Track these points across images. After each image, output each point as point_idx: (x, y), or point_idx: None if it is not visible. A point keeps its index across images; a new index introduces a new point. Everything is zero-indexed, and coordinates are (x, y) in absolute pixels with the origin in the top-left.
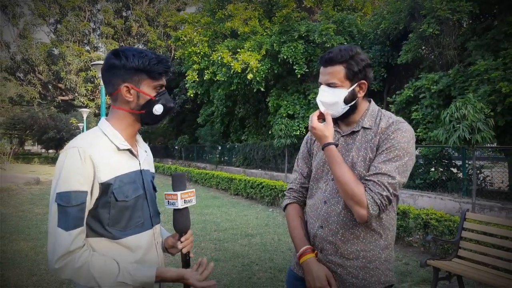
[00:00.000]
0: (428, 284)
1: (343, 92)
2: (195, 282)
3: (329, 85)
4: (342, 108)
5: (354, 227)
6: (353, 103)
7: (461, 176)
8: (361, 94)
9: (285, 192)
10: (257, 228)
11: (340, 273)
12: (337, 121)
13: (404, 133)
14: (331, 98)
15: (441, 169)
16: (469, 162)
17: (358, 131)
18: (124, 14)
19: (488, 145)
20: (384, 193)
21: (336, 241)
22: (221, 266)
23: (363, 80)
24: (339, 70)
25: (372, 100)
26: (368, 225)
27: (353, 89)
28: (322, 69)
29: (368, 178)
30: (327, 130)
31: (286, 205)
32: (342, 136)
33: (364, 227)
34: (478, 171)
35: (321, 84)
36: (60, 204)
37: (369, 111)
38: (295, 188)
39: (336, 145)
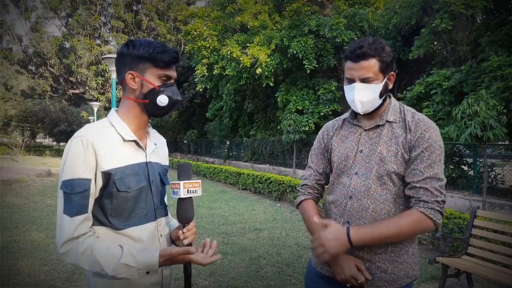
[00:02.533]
0: (436, 281)
1: (378, 86)
2: (201, 259)
3: (364, 80)
4: (377, 103)
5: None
6: (385, 95)
7: (472, 174)
8: (390, 86)
9: (298, 188)
10: (264, 223)
11: (368, 268)
12: (356, 115)
13: (436, 131)
14: (368, 94)
15: (451, 167)
16: (480, 160)
17: (382, 125)
18: (134, 8)
19: (500, 142)
20: (440, 198)
21: None
22: (228, 259)
23: (392, 72)
24: (374, 63)
25: (391, 95)
26: None
27: (385, 81)
28: (352, 64)
29: (418, 185)
30: (331, 240)
31: (301, 201)
32: (365, 130)
33: None
34: (490, 169)
35: (351, 80)
36: (65, 191)
37: (391, 105)
38: (310, 184)
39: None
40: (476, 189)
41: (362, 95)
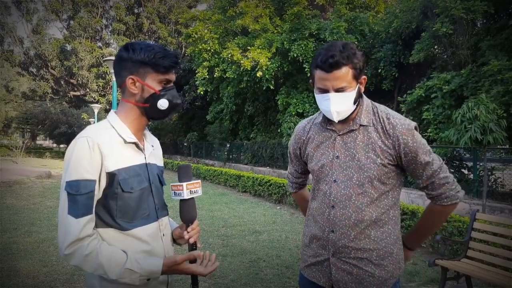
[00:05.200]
0: (436, 284)
1: (353, 94)
2: (202, 269)
3: (339, 90)
4: (351, 110)
5: (366, 228)
6: (359, 100)
7: (472, 177)
8: (362, 89)
9: (288, 183)
10: (264, 225)
11: (356, 274)
12: (329, 119)
13: (412, 131)
14: (344, 103)
15: (451, 170)
16: (480, 163)
17: (356, 129)
18: (136, 11)
19: (500, 146)
20: (448, 184)
21: (349, 243)
22: (228, 261)
23: (364, 76)
24: (347, 72)
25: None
26: (378, 222)
27: (358, 87)
28: (324, 74)
29: (425, 184)
30: None
31: (295, 192)
32: (339, 135)
33: (374, 225)
34: (489, 173)
35: (324, 90)
36: (70, 192)
37: (364, 106)
38: (297, 182)
39: None
40: (476, 192)
41: (338, 105)
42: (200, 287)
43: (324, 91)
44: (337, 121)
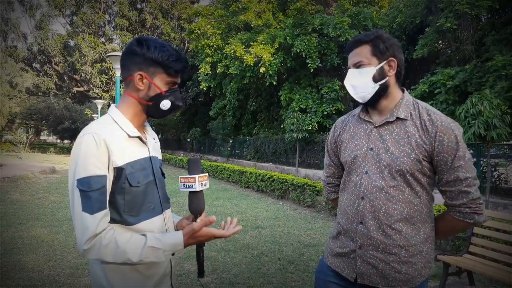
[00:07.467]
0: (437, 279)
1: (371, 70)
2: (223, 232)
3: (356, 65)
4: (373, 88)
5: (396, 222)
6: (383, 81)
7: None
8: (391, 73)
9: (325, 185)
10: (267, 221)
11: (382, 269)
12: (367, 109)
13: (452, 131)
14: (359, 78)
15: None
16: (484, 159)
17: (393, 121)
18: (138, 6)
19: (504, 142)
20: (466, 199)
21: (377, 236)
22: (231, 256)
23: (391, 58)
24: (365, 48)
25: (405, 90)
26: (410, 220)
27: (381, 66)
28: (349, 55)
29: (443, 189)
30: None
31: (336, 198)
32: (375, 127)
33: (405, 222)
34: (493, 169)
35: (349, 68)
36: (82, 189)
37: (404, 100)
38: (335, 182)
39: None
40: (479, 188)
41: (353, 79)
42: (203, 281)
43: (348, 70)
44: (356, 98)
